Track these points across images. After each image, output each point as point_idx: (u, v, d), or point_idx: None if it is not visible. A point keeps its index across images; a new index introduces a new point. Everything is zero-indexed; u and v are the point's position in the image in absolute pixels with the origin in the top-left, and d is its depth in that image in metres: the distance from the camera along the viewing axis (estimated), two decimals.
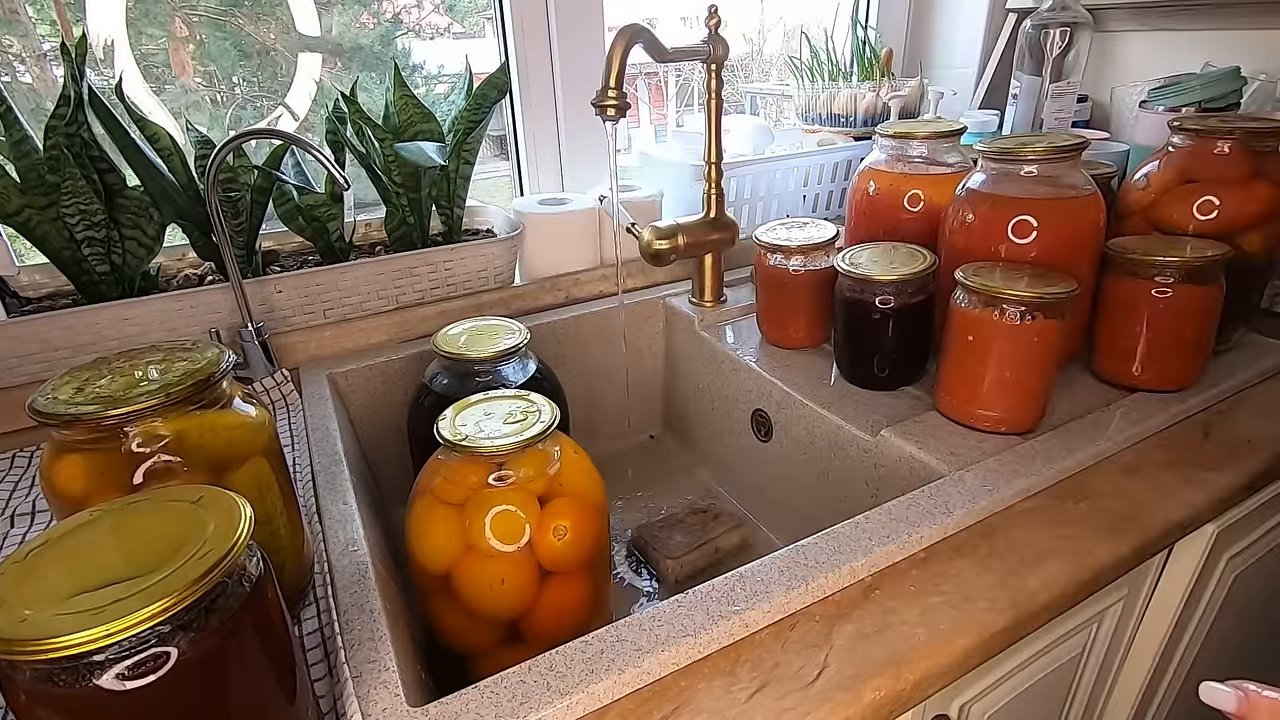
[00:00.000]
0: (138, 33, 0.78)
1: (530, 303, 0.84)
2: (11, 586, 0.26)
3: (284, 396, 0.68)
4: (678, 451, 0.90)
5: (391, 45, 0.95)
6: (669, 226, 0.75)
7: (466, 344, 0.61)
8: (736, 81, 1.38)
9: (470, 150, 0.78)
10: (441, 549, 0.45)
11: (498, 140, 1.00)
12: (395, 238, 0.79)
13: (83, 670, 0.25)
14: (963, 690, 0.47)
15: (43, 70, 0.79)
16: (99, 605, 0.25)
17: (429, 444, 0.47)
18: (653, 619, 0.40)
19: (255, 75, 0.86)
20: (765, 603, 0.41)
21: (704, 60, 0.71)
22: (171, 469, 0.37)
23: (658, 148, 1.04)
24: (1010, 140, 0.60)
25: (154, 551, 0.28)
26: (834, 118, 1.05)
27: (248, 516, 0.30)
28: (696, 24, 1.22)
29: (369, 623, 0.40)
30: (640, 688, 0.38)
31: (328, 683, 0.38)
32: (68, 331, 0.63)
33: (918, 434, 0.57)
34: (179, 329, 0.67)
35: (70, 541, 0.29)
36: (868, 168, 0.73)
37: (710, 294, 0.83)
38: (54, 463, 0.37)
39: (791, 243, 0.70)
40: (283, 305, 0.72)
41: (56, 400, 0.36)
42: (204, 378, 0.38)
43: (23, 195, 0.60)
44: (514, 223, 0.83)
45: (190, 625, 0.26)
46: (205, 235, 0.70)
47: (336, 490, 0.52)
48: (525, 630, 0.47)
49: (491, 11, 0.90)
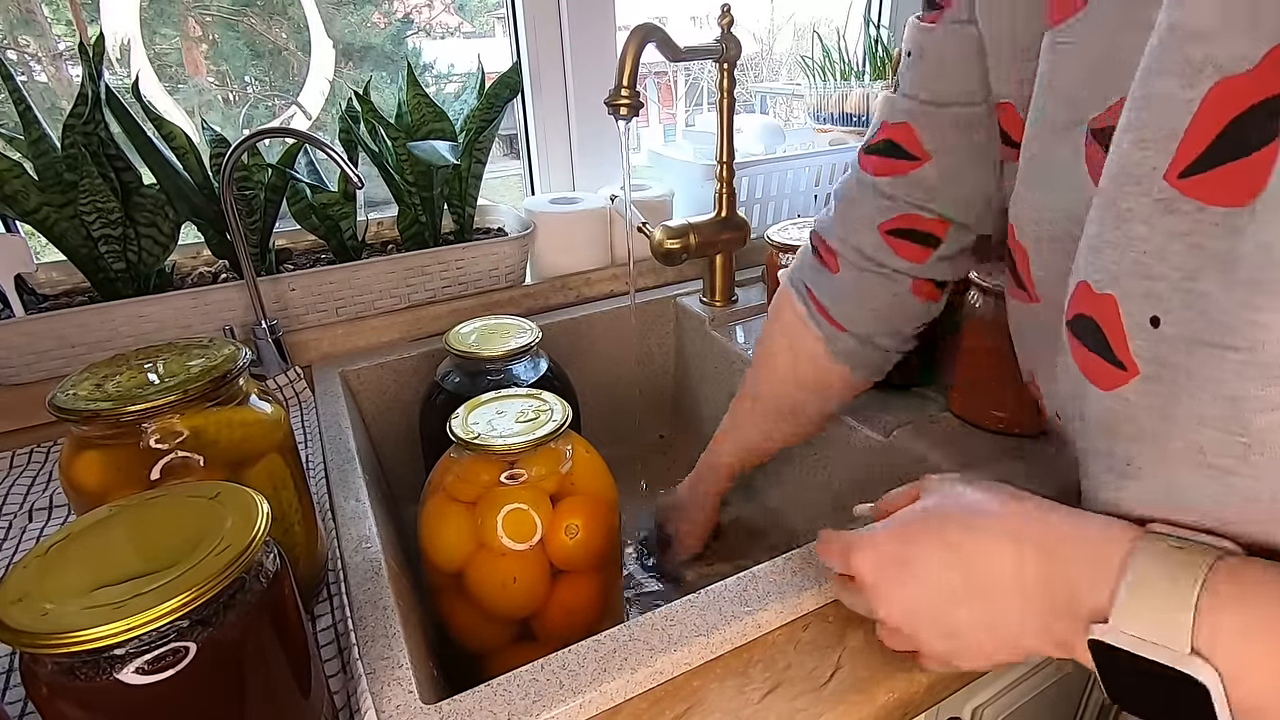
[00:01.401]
0: (151, 32, 0.79)
1: (541, 302, 0.84)
2: (33, 581, 0.26)
3: (297, 394, 0.69)
4: (688, 451, 0.90)
5: (403, 45, 0.95)
6: (680, 226, 0.75)
7: (478, 342, 0.61)
8: (746, 80, 1.38)
9: (482, 149, 0.78)
10: (453, 547, 0.45)
11: (507, 139, 1.01)
12: (407, 236, 0.79)
13: (103, 664, 0.25)
14: (976, 693, 0.47)
15: (58, 70, 0.80)
16: (119, 600, 0.25)
17: (441, 442, 0.48)
18: (665, 618, 0.40)
19: (267, 75, 0.87)
20: (778, 603, 0.41)
21: (716, 59, 0.71)
22: (189, 465, 0.37)
23: (669, 147, 1.04)
24: None
25: (172, 547, 0.28)
26: (846, 117, 1.05)
27: (265, 513, 0.30)
28: (707, 23, 1.22)
29: (382, 619, 0.40)
30: (653, 687, 0.38)
31: (342, 679, 0.39)
32: (84, 328, 0.64)
33: (930, 435, 0.56)
34: (194, 326, 0.68)
35: (90, 536, 0.29)
36: None
37: (721, 294, 0.83)
38: (73, 458, 0.37)
39: (804, 242, 0.70)
40: (296, 303, 0.72)
41: (76, 396, 0.36)
42: (221, 374, 0.38)
43: (41, 193, 0.61)
44: (525, 222, 0.83)
45: (209, 620, 0.27)
46: (220, 233, 0.71)
47: (349, 487, 0.53)
48: (536, 629, 0.48)
49: (502, 11, 0.90)
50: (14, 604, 0.25)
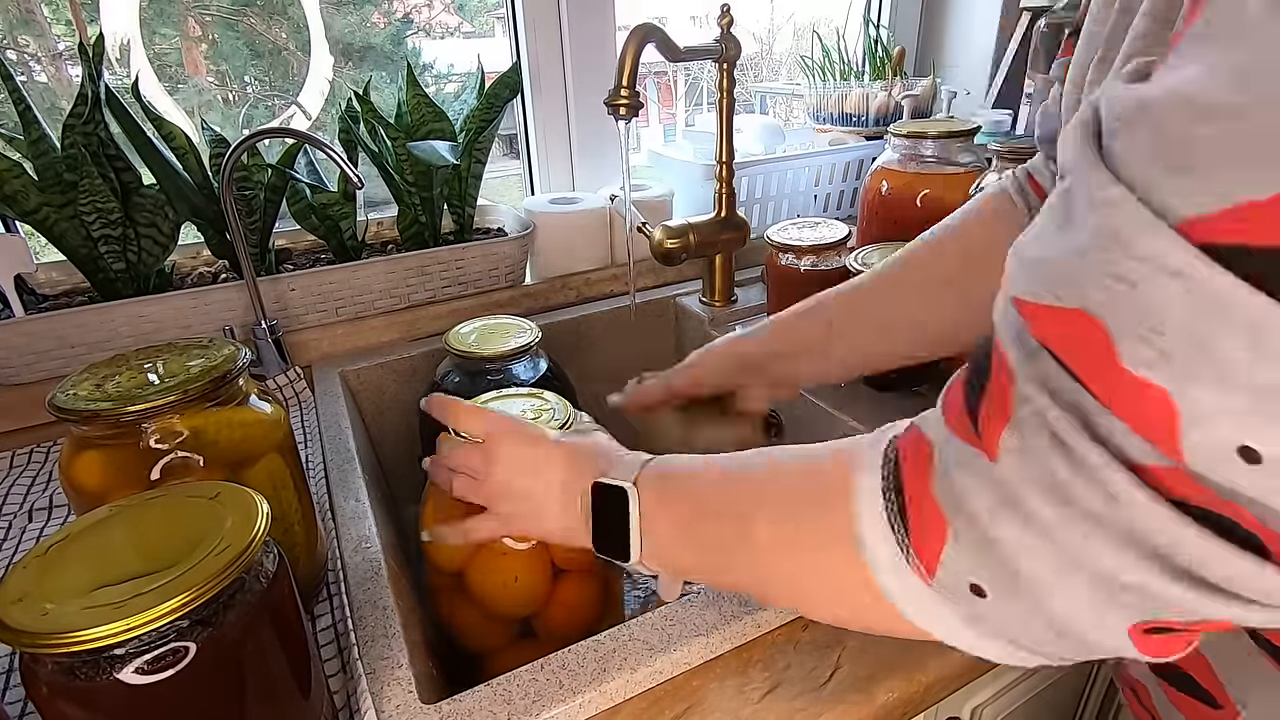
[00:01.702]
0: (151, 32, 0.79)
1: (541, 301, 0.84)
2: (33, 581, 0.26)
3: (297, 394, 0.69)
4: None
5: (402, 45, 0.95)
6: (680, 226, 0.75)
7: (478, 342, 0.61)
8: (746, 80, 1.38)
9: (482, 149, 0.78)
10: (455, 546, 0.45)
11: (507, 139, 1.01)
12: (407, 236, 0.79)
13: (103, 664, 0.25)
14: (975, 693, 0.47)
15: (58, 70, 0.80)
16: (119, 600, 0.25)
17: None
18: (665, 618, 0.40)
19: (267, 75, 0.87)
20: None
21: (716, 59, 0.71)
22: (188, 465, 0.37)
23: (669, 147, 1.04)
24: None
25: (172, 547, 0.28)
26: (846, 117, 1.05)
27: (265, 513, 0.30)
28: (706, 23, 1.22)
29: (382, 619, 0.40)
30: (652, 687, 0.38)
31: (342, 678, 0.39)
32: (84, 328, 0.64)
33: None
34: (193, 326, 0.68)
35: (90, 536, 0.29)
36: (880, 167, 0.72)
37: (721, 294, 0.83)
38: (73, 458, 0.37)
39: (803, 242, 0.70)
40: (296, 303, 0.72)
41: (76, 396, 0.36)
42: (221, 374, 0.38)
43: (41, 194, 0.61)
44: (525, 222, 0.83)
45: (209, 620, 0.27)
46: (219, 233, 0.71)
47: (349, 487, 0.53)
48: (538, 627, 0.48)
49: (502, 11, 0.90)
50: (14, 604, 0.25)
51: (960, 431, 0.23)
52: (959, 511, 0.23)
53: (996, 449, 0.22)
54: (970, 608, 0.24)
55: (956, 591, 0.23)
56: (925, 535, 0.24)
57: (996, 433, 0.22)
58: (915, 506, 0.24)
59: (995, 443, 0.22)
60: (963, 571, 0.23)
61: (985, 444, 0.22)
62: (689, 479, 0.35)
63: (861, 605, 0.27)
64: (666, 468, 0.36)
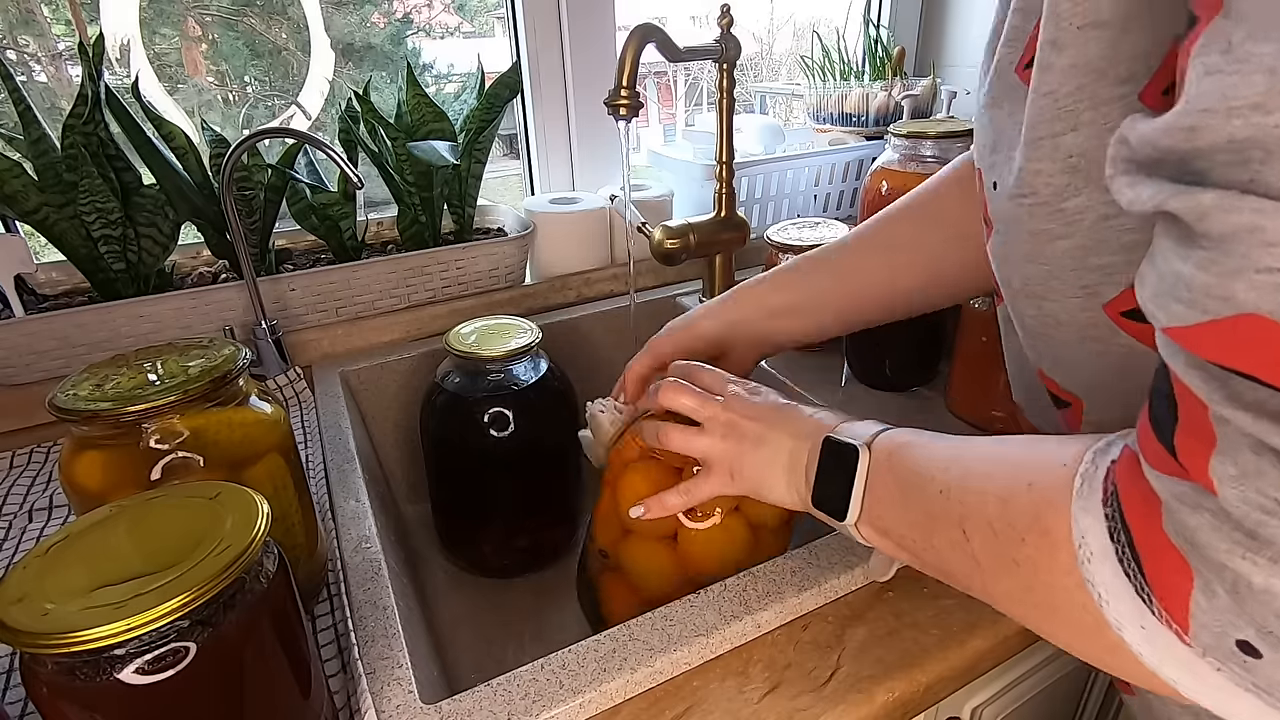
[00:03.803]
0: (151, 32, 0.79)
1: (541, 302, 0.84)
2: (33, 581, 0.26)
3: (297, 394, 0.69)
4: None
5: (402, 45, 0.95)
6: (680, 226, 0.75)
7: (478, 342, 0.61)
8: (746, 80, 1.38)
9: (482, 149, 0.78)
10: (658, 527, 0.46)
11: (507, 139, 1.01)
12: (407, 236, 0.79)
13: (104, 664, 0.25)
14: (976, 693, 0.47)
15: (58, 70, 0.80)
16: (119, 600, 0.25)
17: (441, 442, 0.48)
18: (665, 618, 0.40)
19: (267, 75, 0.87)
20: (778, 603, 0.41)
21: (715, 59, 0.71)
22: (189, 465, 0.37)
23: (669, 147, 1.04)
24: None
25: (172, 547, 0.28)
26: (845, 117, 1.05)
27: (265, 513, 0.30)
28: (706, 23, 1.22)
29: (382, 619, 0.40)
30: (652, 687, 0.38)
31: (342, 679, 0.39)
32: (84, 328, 0.64)
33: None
34: (193, 326, 0.68)
35: (90, 537, 0.29)
36: (880, 167, 0.72)
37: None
38: (73, 458, 0.37)
39: (803, 242, 0.70)
40: (296, 303, 0.72)
41: (76, 396, 0.36)
42: (221, 375, 0.38)
43: (41, 194, 0.61)
44: (525, 222, 0.83)
45: (209, 620, 0.27)
46: (219, 233, 0.71)
47: (349, 488, 0.53)
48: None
49: (502, 11, 0.90)
50: (14, 604, 0.25)
51: (1167, 469, 0.21)
52: (1196, 552, 0.20)
53: (1212, 481, 0.20)
54: (1247, 672, 0.20)
55: (1222, 650, 0.21)
56: (1164, 580, 0.21)
57: (1204, 464, 0.20)
58: (1148, 549, 0.22)
59: (1206, 474, 0.20)
60: (1224, 627, 0.20)
61: (1194, 476, 0.20)
62: (924, 451, 0.34)
63: (1083, 628, 0.25)
64: (902, 439, 0.36)
